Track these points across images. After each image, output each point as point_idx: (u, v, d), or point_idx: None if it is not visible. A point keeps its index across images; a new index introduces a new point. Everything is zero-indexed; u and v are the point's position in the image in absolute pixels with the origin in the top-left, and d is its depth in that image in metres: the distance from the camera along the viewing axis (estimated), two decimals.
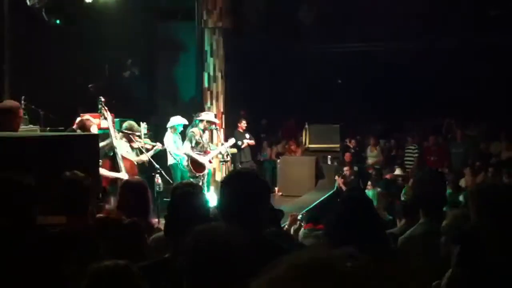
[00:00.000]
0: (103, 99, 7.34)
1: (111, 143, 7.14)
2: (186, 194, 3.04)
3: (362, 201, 2.95)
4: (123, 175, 6.95)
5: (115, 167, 7.08)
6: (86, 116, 7.09)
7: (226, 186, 2.70)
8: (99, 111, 7.46)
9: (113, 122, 8.72)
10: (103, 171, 6.44)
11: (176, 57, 13.20)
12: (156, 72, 13.39)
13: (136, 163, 7.62)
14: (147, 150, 8.25)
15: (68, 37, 11.02)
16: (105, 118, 7.38)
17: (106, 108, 7.33)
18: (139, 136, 8.24)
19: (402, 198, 8.72)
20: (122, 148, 7.48)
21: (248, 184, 2.64)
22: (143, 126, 8.27)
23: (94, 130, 6.78)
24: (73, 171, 3.57)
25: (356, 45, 15.35)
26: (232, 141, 10.16)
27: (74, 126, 6.91)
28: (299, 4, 13.89)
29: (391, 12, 13.29)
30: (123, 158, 7.21)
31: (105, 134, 7.17)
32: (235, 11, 12.54)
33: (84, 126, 6.74)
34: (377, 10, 13.36)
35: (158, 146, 8.68)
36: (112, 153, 7.12)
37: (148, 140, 9.10)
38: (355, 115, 15.14)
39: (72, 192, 3.50)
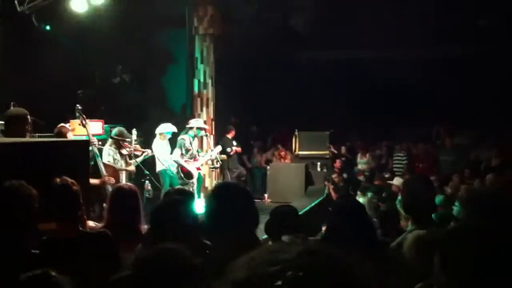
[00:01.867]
0: (80, 107, 7.32)
1: (92, 150, 7.12)
2: (172, 201, 3.05)
3: (355, 208, 2.97)
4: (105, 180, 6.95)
5: (95, 175, 7.06)
6: (62, 124, 7.10)
7: (213, 199, 2.74)
8: (77, 118, 7.45)
9: (103, 128, 8.72)
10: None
11: (166, 63, 13.20)
12: (147, 78, 13.37)
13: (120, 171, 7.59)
14: (137, 156, 8.24)
15: (58, 43, 11.00)
16: (84, 126, 7.37)
17: (83, 115, 7.31)
18: (130, 143, 8.23)
19: (398, 206, 8.76)
20: (105, 155, 7.48)
21: (234, 198, 2.68)
22: (134, 133, 8.25)
23: (70, 137, 6.79)
24: (62, 177, 3.56)
25: (347, 52, 15.42)
26: (218, 148, 10.17)
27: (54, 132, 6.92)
28: (291, 11, 13.94)
29: (383, 20, 13.37)
30: (105, 165, 7.18)
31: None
32: (226, 17, 12.59)
33: (60, 133, 6.75)
34: (369, 17, 13.43)
35: (148, 152, 8.67)
36: (92, 162, 7.09)
37: (138, 147, 9.10)
38: (345, 122, 15.19)
39: (62, 198, 3.49)
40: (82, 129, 7.44)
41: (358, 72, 15.15)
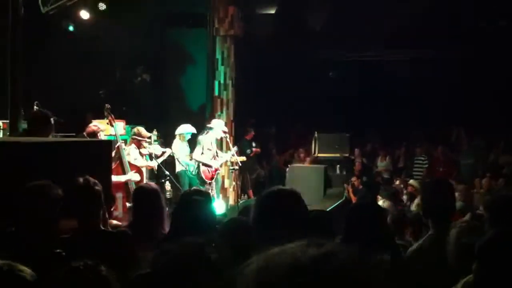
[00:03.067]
0: (108, 106, 7.41)
1: (118, 149, 7.21)
2: (192, 201, 3.05)
3: (371, 210, 2.95)
4: (130, 175, 7.04)
5: (121, 174, 7.16)
6: (95, 122, 7.17)
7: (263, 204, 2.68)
8: (105, 118, 7.53)
9: (124, 129, 8.80)
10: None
11: (186, 64, 13.26)
12: (166, 79, 13.44)
13: (144, 169, 7.67)
14: (157, 156, 8.30)
15: (80, 43, 11.13)
16: (112, 125, 7.44)
17: (112, 115, 7.39)
18: (149, 143, 8.29)
19: (413, 209, 8.71)
20: (130, 154, 7.55)
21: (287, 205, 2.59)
22: (154, 133, 8.32)
23: (102, 137, 6.86)
24: (85, 176, 3.61)
25: (366, 54, 15.36)
26: (234, 149, 10.21)
27: (84, 133, 6.99)
28: (310, 11, 13.90)
29: (405, 20, 13.27)
30: (130, 164, 7.27)
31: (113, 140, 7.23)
32: (246, 19, 12.61)
33: (93, 133, 6.82)
34: (391, 17, 13.34)
35: (168, 151, 8.73)
36: (118, 160, 7.19)
37: (158, 147, 9.16)
38: (365, 125, 15.14)
39: (84, 197, 3.54)
40: (110, 128, 7.54)
41: (377, 72, 15.10)
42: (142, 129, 7.94)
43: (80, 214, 3.52)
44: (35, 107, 7.79)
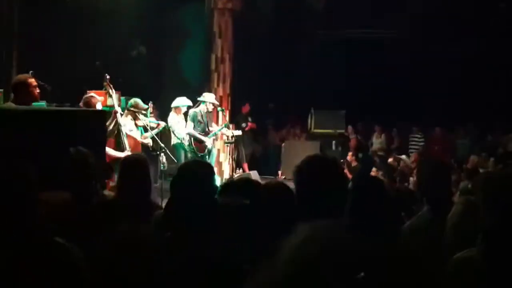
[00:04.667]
0: (108, 76, 7.30)
1: (116, 121, 7.12)
2: (196, 172, 2.95)
3: (375, 183, 2.90)
4: (128, 154, 6.94)
5: (120, 146, 7.09)
6: (91, 93, 7.06)
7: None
8: (104, 89, 7.43)
9: (119, 100, 8.71)
10: (108, 150, 6.43)
11: (183, 37, 13.12)
12: (163, 52, 13.32)
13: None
14: (152, 128, 8.24)
15: (76, 14, 10.98)
16: (110, 96, 7.35)
17: (111, 85, 7.29)
18: (145, 115, 8.23)
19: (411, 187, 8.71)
20: (126, 126, 7.47)
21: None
22: (150, 105, 8.25)
23: (99, 107, 6.75)
24: (78, 147, 3.56)
25: (364, 32, 15.19)
26: (229, 131, 10.21)
27: (80, 103, 6.89)
28: None
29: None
30: (127, 136, 7.20)
31: (110, 112, 7.15)
32: None
33: (89, 103, 6.70)
34: None
35: (162, 124, 8.68)
36: (116, 131, 7.11)
37: (153, 119, 9.09)
38: (360, 103, 15.04)
39: (77, 168, 3.49)
40: (108, 99, 7.44)
41: (375, 52, 14.96)
42: (139, 101, 7.85)
43: (72, 186, 3.47)
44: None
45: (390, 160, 11.50)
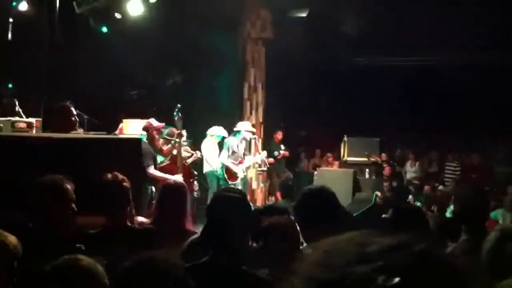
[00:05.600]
0: (179, 106, 7.50)
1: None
2: (233, 199, 2.96)
3: (414, 211, 2.86)
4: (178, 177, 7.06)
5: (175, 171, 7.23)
6: (155, 124, 7.22)
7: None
8: (174, 117, 7.61)
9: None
10: (160, 174, 6.58)
11: (216, 66, 13.27)
12: (197, 80, 13.47)
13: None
14: (187, 157, 8.31)
15: (113, 44, 11.24)
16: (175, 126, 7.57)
17: (180, 115, 7.46)
18: (179, 143, 8.30)
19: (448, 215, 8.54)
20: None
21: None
22: (184, 134, 8.34)
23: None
24: (113, 172, 3.61)
25: (399, 59, 15.16)
26: (264, 153, 10.22)
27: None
28: (345, 16, 13.78)
29: (439, 25, 13.04)
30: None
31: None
32: (278, 22, 12.57)
33: (147, 129, 6.90)
34: (423, 23, 13.11)
35: (197, 155, 8.76)
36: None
37: (187, 148, 9.16)
38: (395, 130, 14.92)
39: (111, 193, 3.54)
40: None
41: (409, 78, 14.89)
42: (175, 130, 7.99)
43: (107, 210, 3.52)
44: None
45: (426, 188, 11.34)
